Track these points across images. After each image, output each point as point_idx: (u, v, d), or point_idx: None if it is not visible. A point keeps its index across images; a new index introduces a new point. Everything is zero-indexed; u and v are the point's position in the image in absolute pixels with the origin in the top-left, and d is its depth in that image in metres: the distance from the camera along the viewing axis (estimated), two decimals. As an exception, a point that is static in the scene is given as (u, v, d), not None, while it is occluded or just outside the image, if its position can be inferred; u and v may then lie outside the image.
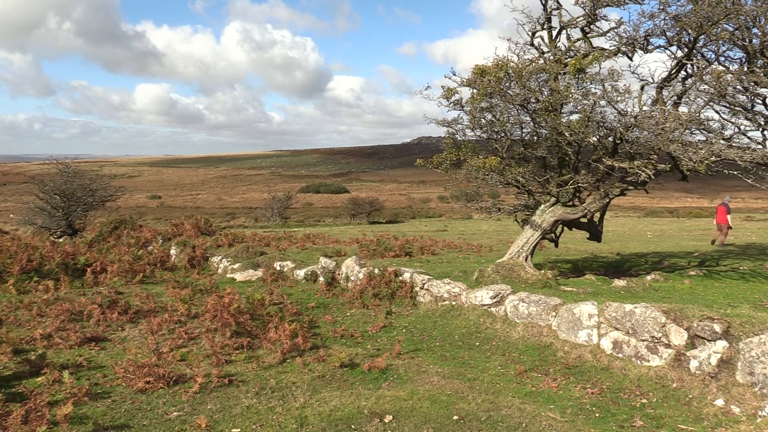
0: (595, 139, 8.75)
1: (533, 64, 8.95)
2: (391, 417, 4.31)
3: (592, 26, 8.85)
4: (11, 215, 34.99)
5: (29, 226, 20.72)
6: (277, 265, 10.59)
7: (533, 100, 8.73)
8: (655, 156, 8.45)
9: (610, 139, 8.69)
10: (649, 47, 8.59)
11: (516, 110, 9.13)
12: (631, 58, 8.68)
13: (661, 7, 8.05)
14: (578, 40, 9.03)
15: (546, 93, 8.74)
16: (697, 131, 8.40)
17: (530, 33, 9.24)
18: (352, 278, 8.86)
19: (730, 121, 8.33)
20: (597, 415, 4.45)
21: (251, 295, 7.52)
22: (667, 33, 8.33)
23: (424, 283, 8.01)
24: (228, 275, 10.76)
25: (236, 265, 11.03)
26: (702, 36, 7.99)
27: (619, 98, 8.21)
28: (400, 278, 8.35)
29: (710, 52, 8.61)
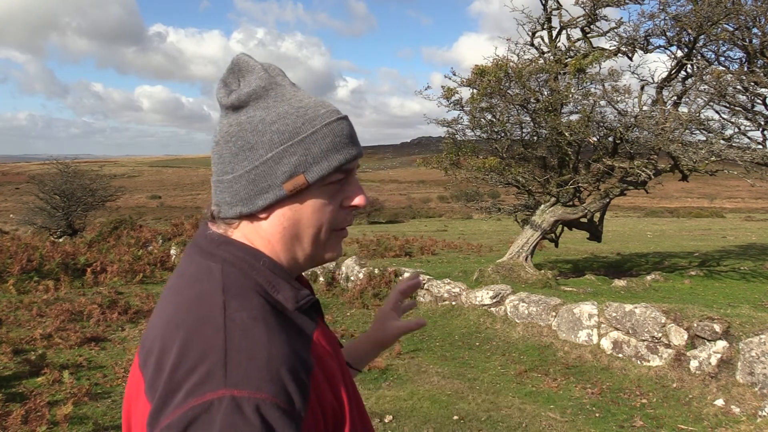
0: (595, 139, 8.75)
1: (533, 64, 8.96)
2: (391, 417, 4.31)
3: (592, 26, 8.86)
4: (11, 215, 35.01)
5: (29, 226, 20.72)
6: (277, 265, 10.59)
7: (533, 100, 8.74)
8: (655, 156, 8.45)
9: (610, 139, 8.69)
10: (649, 47, 8.60)
11: (516, 110, 9.14)
12: (631, 58, 8.68)
13: (661, 7, 8.06)
14: (578, 40, 9.04)
15: (546, 93, 8.75)
16: (697, 131, 8.41)
17: (530, 33, 9.25)
18: (352, 278, 8.86)
19: (730, 121, 8.34)
20: (597, 415, 4.45)
21: (251, 295, 7.51)
22: (667, 33, 8.34)
23: (424, 283, 8.02)
24: (228, 275, 10.76)
25: (236, 265, 11.03)
26: (702, 36, 8.00)
27: (619, 98, 8.22)
28: (400, 278, 8.35)
29: (710, 52, 8.62)
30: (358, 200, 0.83)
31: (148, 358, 0.74)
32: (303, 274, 0.91)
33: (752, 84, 7.80)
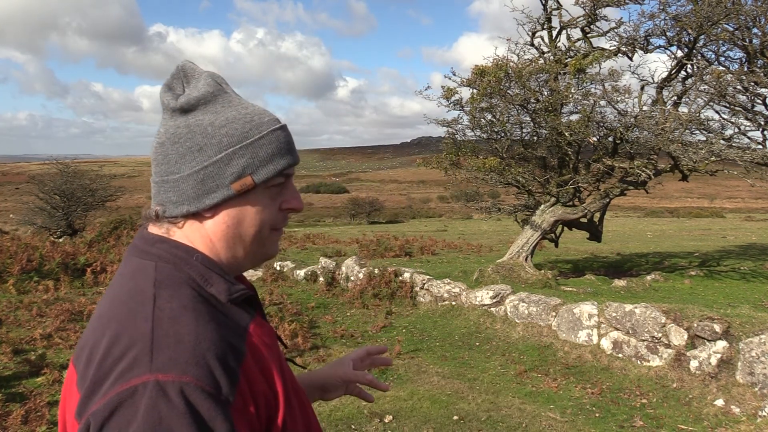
0: (595, 139, 8.75)
1: (533, 64, 8.96)
2: (391, 417, 4.31)
3: (592, 26, 8.86)
4: (11, 215, 35.00)
5: (29, 226, 20.71)
6: (276, 265, 10.59)
7: (533, 101, 8.74)
8: (655, 156, 8.45)
9: (610, 139, 8.69)
10: (649, 47, 8.60)
11: (516, 110, 9.13)
12: (631, 58, 8.68)
13: (661, 7, 8.06)
14: (578, 40, 9.04)
15: (546, 93, 8.75)
16: (697, 131, 8.41)
17: (530, 33, 9.25)
18: (352, 278, 8.86)
19: (730, 121, 8.34)
20: (597, 415, 4.45)
21: (251, 295, 7.50)
22: (667, 33, 8.34)
23: (424, 283, 8.01)
24: (228, 275, 10.74)
25: (236, 265, 11.01)
26: (702, 36, 8.00)
27: (619, 98, 8.22)
28: (400, 278, 8.35)
29: (710, 52, 8.63)
30: (294, 203, 0.88)
31: (81, 353, 0.76)
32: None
33: (752, 84, 7.80)
